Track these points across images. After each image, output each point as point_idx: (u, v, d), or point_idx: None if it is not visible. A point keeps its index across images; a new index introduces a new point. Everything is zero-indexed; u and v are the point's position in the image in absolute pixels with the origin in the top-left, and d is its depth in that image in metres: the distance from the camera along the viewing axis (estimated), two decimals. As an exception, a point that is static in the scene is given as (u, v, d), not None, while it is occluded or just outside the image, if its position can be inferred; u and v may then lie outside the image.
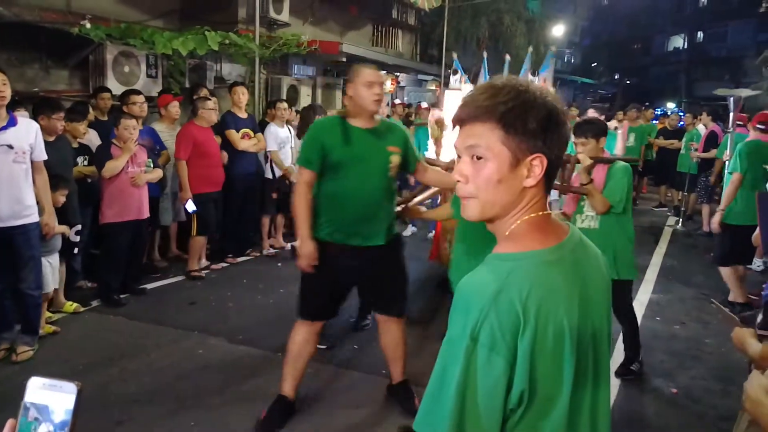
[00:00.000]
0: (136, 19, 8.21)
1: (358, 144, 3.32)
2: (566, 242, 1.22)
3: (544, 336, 1.09)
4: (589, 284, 1.22)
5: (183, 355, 4.47)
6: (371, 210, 3.37)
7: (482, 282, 1.13)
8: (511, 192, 1.19)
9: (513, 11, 16.42)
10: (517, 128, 1.15)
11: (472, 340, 1.07)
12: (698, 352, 4.90)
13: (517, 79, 1.21)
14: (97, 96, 6.44)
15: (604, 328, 1.25)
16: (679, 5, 38.68)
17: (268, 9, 9.57)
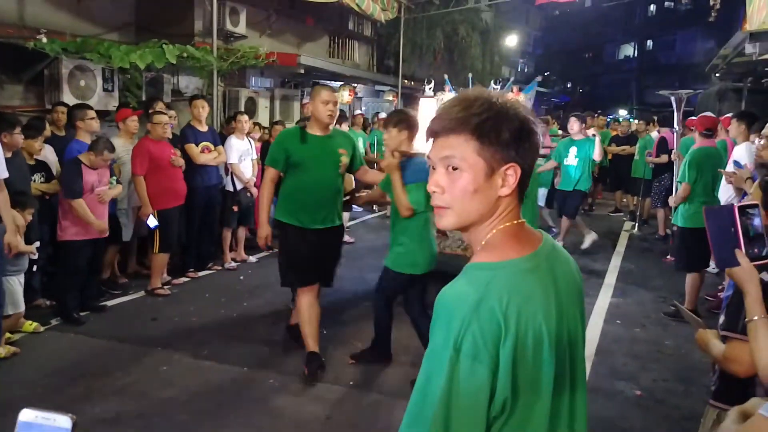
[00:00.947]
0: (92, 32, 8.11)
1: (315, 147, 4.25)
2: (540, 250, 1.25)
3: (524, 343, 1.12)
4: (563, 290, 1.25)
5: (147, 372, 4.41)
6: (326, 198, 4.30)
7: (462, 292, 1.15)
8: (486, 201, 1.22)
9: (467, 22, 16.65)
10: (491, 139, 1.18)
11: (455, 351, 1.09)
12: (659, 354, 5.03)
13: (489, 91, 1.24)
14: (54, 110, 6.30)
15: (578, 332, 1.28)
16: (629, 15, 39.77)
17: (225, 22, 9.56)
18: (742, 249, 1.77)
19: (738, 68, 9.69)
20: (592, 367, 4.70)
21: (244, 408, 3.93)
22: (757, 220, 1.78)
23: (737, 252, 1.77)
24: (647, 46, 40.75)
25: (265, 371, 4.44)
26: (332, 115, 4.23)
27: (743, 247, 1.77)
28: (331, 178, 4.31)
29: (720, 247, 1.82)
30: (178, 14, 9.38)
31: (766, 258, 1.78)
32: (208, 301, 6.02)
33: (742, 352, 1.85)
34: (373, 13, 11.88)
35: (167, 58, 7.09)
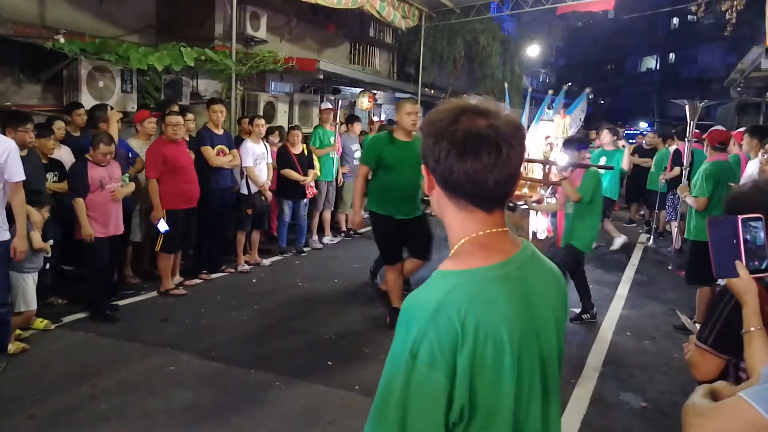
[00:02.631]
0: (113, 34, 8.19)
1: (401, 151, 5.21)
2: (513, 259, 1.24)
3: (483, 352, 1.11)
4: (537, 300, 1.24)
5: (154, 371, 4.43)
6: (409, 193, 5.32)
7: (423, 299, 1.16)
8: (446, 210, 1.27)
9: (488, 31, 16.60)
10: (426, 154, 1.24)
11: (412, 357, 1.10)
12: (667, 367, 4.97)
13: (462, 104, 1.23)
14: (72, 113, 6.37)
15: (552, 343, 1.27)
16: (652, 27, 39.54)
17: (246, 26, 9.62)
18: (742, 261, 1.76)
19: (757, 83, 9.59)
20: (599, 377, 4.67)
21: (249, 410, 3.92)
22: (760, 233, 1.76)
23: (737, 263, 1.77)
24: (669, 59, 40.45)
25: (272, 374, 4.44)
26: (415, 124, 5.17)
27: (744, 259, 1.76)
28: (414, 177, 5.16)
29: (720, 257, 1.81)
30: (198, 17, 9.46)
31: (765, 271, 1.78)
32: (219, 303, 6.04)
33: (703, 361, 1.99)
34: (393, 20, 11.89)
35: (185, 60, 7.14)
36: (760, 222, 1.76)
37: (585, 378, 4.65)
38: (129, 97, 7.71)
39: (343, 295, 6.51)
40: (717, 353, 1.96)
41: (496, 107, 1.23)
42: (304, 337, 5.24)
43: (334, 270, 7.46)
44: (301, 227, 8.29)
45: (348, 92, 13.62)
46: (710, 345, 1.97)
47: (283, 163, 7.82)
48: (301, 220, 8.22)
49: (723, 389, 1.44)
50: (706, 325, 2.02)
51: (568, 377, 4.56)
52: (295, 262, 7.87)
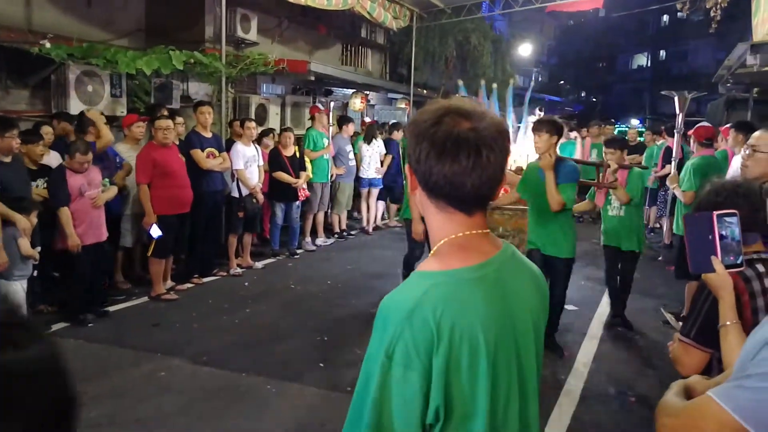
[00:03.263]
0: (101, 38, 8.16)
1: None
2: (492, 260, 1.24)
3: (458, 353, 1.11)
4: (515, 301, 1.24)
5: (145, 377, 4.40)
6: None
7: (400, 300, 1.16)
8: (427, 211, 1.27)
9: (479, 30, 16.61)
10: (409, 154, 1.23)
11: (387, 358, 1.10)
12: (657, 361, 4.98)
13: (447, 105, 1.22)
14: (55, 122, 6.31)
15: (530, 344, 1.26)
16: (642, 25, 39.71)
17: (236, 28, 9.59)
18: (718, 256, 1.80)
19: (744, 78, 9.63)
20: (589, 372, 4.70)
21: (241, 414, 3.91)
22: (735, 229, 1.80)
23: (713, 259, 1.81)
24: (660, 56, 40.63)
25: (263, 378, 4.42)
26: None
27: (719, 255, 1.80)
28: None
29: (696, 253, 1.85)
30: (188, 20, 9.42)
31: (740, 266, 1.82)
32: (211, 307, 6.02)
33: (687, 355, 2.01)
34: (384, 21, 11.90)
35: (174, 64, 7.11)
36: (734, 218, 1.80)
37: (575, 373, 4.68)
38: (118, 102, 7.68)
39: (335, 296, 6.50)
40: (699, 347, 1.99)
41: (482, 109, 1.22)
42: (296, 339, 5.23)
43: (326, 272, 7.45)
44: (293, 229, 8.28)
45: (340, 93, 13.60)
46: (693, 339, 2.00)
47: (275, 165, 7.81)
48: (294, 223, 8.21)
49: (697, 384, 1.45)
50: (689, 320, 2.06)
51: (558, 373, 4.59)
52: (287, 264, 7.85)
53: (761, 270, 1.96)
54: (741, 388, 1.17)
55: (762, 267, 1.97)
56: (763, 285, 1.94)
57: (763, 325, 1.24)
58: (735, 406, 1.16)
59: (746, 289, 1.90)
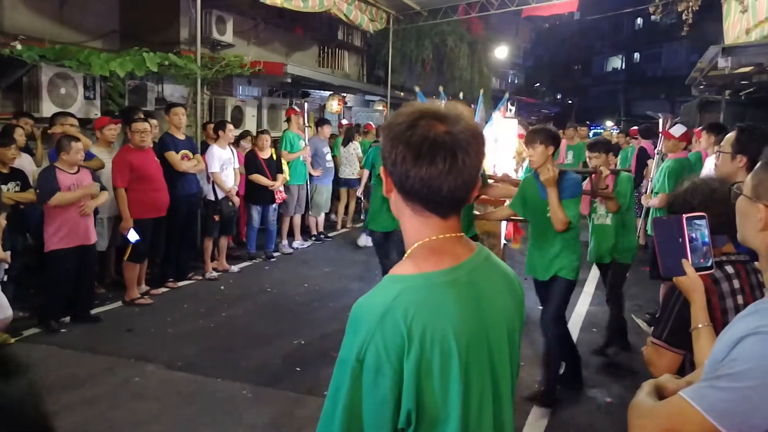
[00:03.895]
0: (75, 40, 8.06)
1: None
2: (465, 264, 1.24)
3: (430, 357, 1.10)
4: (488, 305, 1.23)
5: (118, 384, 4.34)
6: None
7: (371, 304, 1.16)
8: (402, 214, 1.27)
9: (456, 33, 16.69)
10: (384, 156, 1.23)
11: (358, 362, 1.10)
12: (633, 362, 5.03)
13: (422, 109, 1.22)
14: (20, 120, 6.20)
15: (504, 348, 1.26)
16: (617, 28, 40.23)
17: (211, 30, 9.52)
18: (688, 259, 1.81)
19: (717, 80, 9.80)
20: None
21: (216, 420, 3.87)
22: (704, 231, 1.82)
23: (684, 262, 1.82)
24: (634, 58, 41.19)
25: (239, 383, 4.39)
26: None
27: (690, 257, 1.81)
28: None
29: (667, 256, 1.86)
30: (163, 22, 9.33)
31: (711, 268, 1.84)
32: (187, 311, 5.96)
33: (659, 357, 2.02)
34: (361, 23, 11.89)
35: (148, 66, 7.04)
36: (704, 220, 1.81)
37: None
38: (92, 104, 7.59)
39: (312, 299, 6.47)
40: (671, 348, 2.00)
41: (456, 113, 1.22)
42: (273, 343, 5.20)
43: (304, 274, 7.42)
44: (270, 232, 8.23)
45: (317, 95, 13.57)
46: (664, 340, 2.02)
47: (251, 168, 7.76)
48: (270, 225, 8.17)
49: (668, 384, 1.46)
50: (660, 322, 2.07)
51: (534, 375, 4.60)
52: (264, 267, 7.81)
53: (730, 271, 1.98)
54: (713, 388, 1.18)
55: (731, 268, 1.99)
56: (732, 286, 1.96)
57: (732, 326, 1.25)
58: (707, 407, 1.17)
59: (715, 290, 1.92)
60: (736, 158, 3.06)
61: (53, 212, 5.21)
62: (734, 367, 1.15)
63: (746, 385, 1.13)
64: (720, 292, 1.94)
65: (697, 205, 2.02)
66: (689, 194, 2.12)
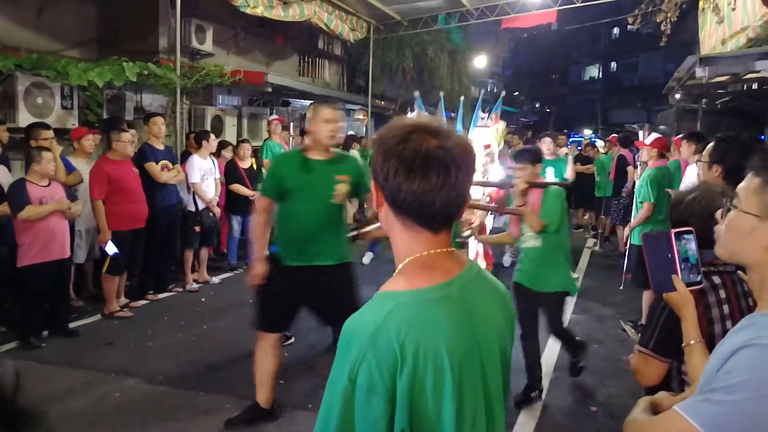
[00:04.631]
0: (52, 48, 7.95)
1: (309, 173, 3.78)
2: (456, 279, 1.23)
3: (423, 375, 1.09)
4: (480, 321, 1.23)
5: (98, 399, 4.26)
6: (314, 231, 3.75)
7: (363, 322, 1.14)
8: (393, 229, 1.26)
9: (436, 43, 16.79)
10: (375, 170, 1.22)
11: (351, 382, 1.09)
12: (616, 370, 5.06)
13: (414, 123, 1.22)
14: None
15: (496, 365, 1.25)
16: (594, 38, 40.70)
17: (191, 39, 9.47)
18: (678, 274, 1.80)
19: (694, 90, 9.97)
20: (549, 383, 4.73)
21: (198, 435, 3.82)
22: (693, 246, 1.82)
23: (674, 277, 1.81)
24: (611, 67, 41.70)
25: (221, 396, 4.33)
26: (334, 136, 3.81)
27: (679, 273, 1.80)
28: (322, 209, 3.76)
29: (656, 272, 1.85)
30: (142, 30, 9.26)
31: (700, 283, 1.83)
32: (167, 324, 5.88)
33: (646, 366, 2.02)
34: (341, 32, 11.91)
35: (127, 75, 6.96)
36: (692, 235, 1.82)
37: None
38: (69, 114, 7.49)
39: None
40: (658, 357, 2.00)
41: (448, 128, 1.23)
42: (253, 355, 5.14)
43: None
44: (251, 243, 8.15)
45: (298, 104, 13.55)
46: (651, 349, 2.01)
47: (231, 177, 7.71)
48: (251, 236, 8.09)
49: (663, 401, 1.46)
50: (647, 330, 2.07)
51: (519, 384, 4.58)
52: (245, 278, 7.71)
53: (717, 282, 1.98)
54: (707, 401, 1.17)
55: (718, 278, 1.99)
56: (718, 296, 1.96)
57: (726, 339, 1.25)
58: (702, 421, 1.16)
59: (701, 300, 1.92)
60: (713, 168, 3.10)
61: (26, 226, 5.10)
62: (728, 379, 1.14)
63: (741, 397, 1.12)
64: (706, 303, 1.94)
65: (692, 219, 2.02)
66: (688, 208, 2.11)
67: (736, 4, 6.60)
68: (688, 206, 2.12)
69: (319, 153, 3.82)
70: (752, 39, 6.62)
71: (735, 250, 1.36)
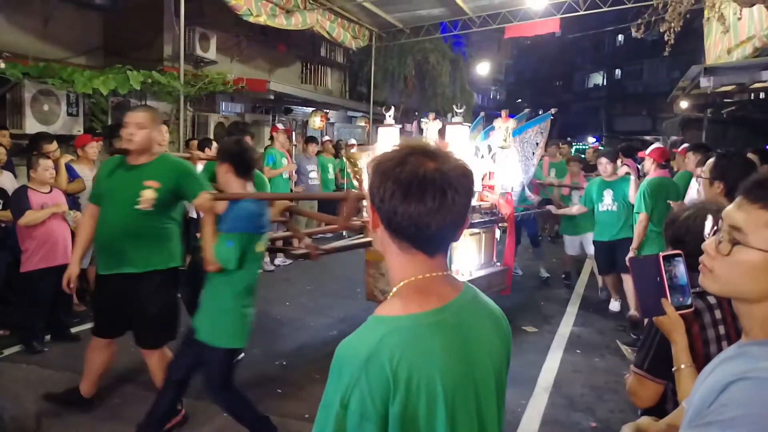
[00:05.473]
0: (59, 56, 8.05)
1: (114, 178, 3.73)
2: (451, 304, 1.23)
3: (416, 401, 1.10)
4: (475, 347, 1.23)
5: (97, 405, 4.30)
6: (116, 239, 3.66)
7: (355, 347, 1.14)
8: (388, 251, 1.26)
9: (438, 50, 16.88)
10: (372, 192, 1.22)
11: (342, 407, 1.09)
12: (617, 384, 5.01)
13: (412, 145, 1.23)
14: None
15: (490, 391, 1.25)
16: (598, 44, 40.63)
17: (195, 47, 9.56)
18: (668, 298, 1.79)
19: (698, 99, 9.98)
20: (549, 397, 4.72)
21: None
22: (682, 269, 1.80)
23: (663, 301, 1.79)
24: (616, 75, 41.63)
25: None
26: (131, 140, 3.63)
27: (669, 297, 1.78)
28: (124, 215, 3.61)
29: (645, 296, 1.83)
30: (147, 39, 9.37)
31: (690, 306, 1.81)
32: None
33: (641, 387, 2.01)
34: (343, 40, 12.00)
35: (131, 84, 7.06)
36: (680, 258, 1.80)
37: (536, 398, 4.69)
38: (75, 121, 7.58)
39: (294, 318, 6.47)
40: (653, 378, 1.98)
41: (446, 151, 1.23)
42: (253, 363, 5.16)
43: (285, 292, 7.41)
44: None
45: (300, 112, 13.62)
46: (646, 371, 1.99)
47: (233, 185, 7.74)
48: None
49: (649, 427, 1.45)
50: (641, 351, 2.05)
51: (518, 398, 4.61)
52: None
53: (712, 302, 1.94)
54: None
55: (713, 299, 1.94)
56: (713, 317, 1.92)
57: (716, 368, 1.21)
58: None
59: (695, 320, 1.89)
60: (714, 184, 3.10)
61: (28, 232, 5.17)
62: (725, 413, 1.09)
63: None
64: (701, 323, 1.91)
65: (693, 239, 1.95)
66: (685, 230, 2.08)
67: (741, 13, 6.61)
68: (683, 224, 2.10)
69: (134, 157, 3.72)
70: (759, 48, 6.63)
71: (739, 287, 1.27)
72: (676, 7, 7.30)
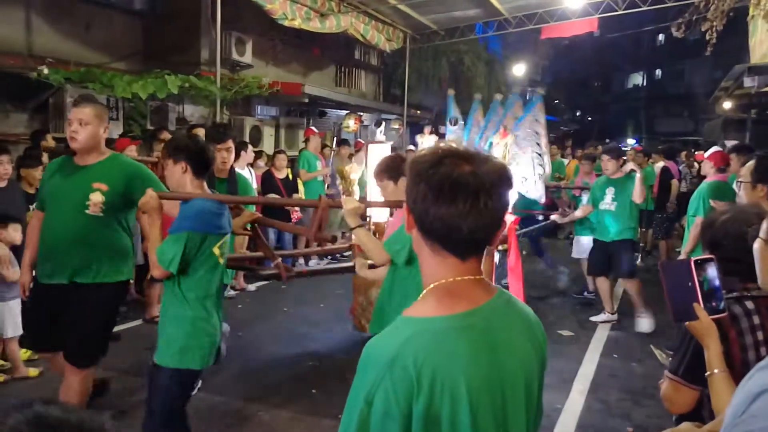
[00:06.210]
0: (99, 61, 8.24)
1: (58, 180, 3.43)
2: (482, 308, 1.22)
3: (439, 403, 1.10)
4: (505, 352, 1.21)
5: (134, 404, 4.34)
6: (57, 245, 3.38)
7: (382, 346, 1.16)
8: (422, 252, 1.26)
9: (473, 52, 16.80)
10: (407, 193, 1.23)
11: (367, 405, 1.11)
12: (654, 390, 4.87)
13: (449, 148, 1.22)
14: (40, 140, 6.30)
15: (519, 397, 1.23)
16: (637, 44, 39.89)
17: (231, 51, 9.69)
18: (700, 303, 1.75)
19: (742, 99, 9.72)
20: (585, 402, 4.66)
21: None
22: (714, 273, 1.77)
23: (695, 306, 1.76)
24: (656, 75, 40.86)
25: (255, 404, 4.40)
26: (74, 138, 3.32)
27: (701, 302, 1.75)
28: (71, 221, 3.33)
29: (677, 301, 1.80)
30: (184, 43, 9.53)
31: (723, 311, 1.77)
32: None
33: (676, 393, 1.99)
34: (378, 43, 12.02)
35: (169, 88, 7.19)
36: (713, 263, 1.77)
37: (571, 403, 4.63)
38: (115, 125, 7.73)
39: (327, 320, 6.49)
40: (688, 384, 1.94)
41: (484, 154, 1.22)
42: (289, 364, 5.22)
43: (320, 294, 7.43)
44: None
45: (334, 115, 13.69)
46: (681, 376, 1.96)
47: (267, 187, 7.83)
48: (287, 245, 8.22)
49: None
50: (676, 356, 2.01)
51: (553, 402, 4.54)
52: (280, 286, 7.82)
53: (750, 307, 1.90)
54: None
55: (751, 304, 1.91)
56: (751, 322, 1.89)
57: (752, 376, 1.18)
58: None
59: (732, 326, 1.86)
60: (757, 187, 3.02)
61: None
62: (754, 423, 1.07)
63: None
64: (739, 329, 1.87)
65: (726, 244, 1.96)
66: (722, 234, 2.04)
67: (788, 10, 6.41)
68: (721, 227, 2.06)
69: (81, 157, 3.42)
70: (808, 47, 6.41)
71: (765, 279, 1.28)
72: (719, 5, 7.10)
